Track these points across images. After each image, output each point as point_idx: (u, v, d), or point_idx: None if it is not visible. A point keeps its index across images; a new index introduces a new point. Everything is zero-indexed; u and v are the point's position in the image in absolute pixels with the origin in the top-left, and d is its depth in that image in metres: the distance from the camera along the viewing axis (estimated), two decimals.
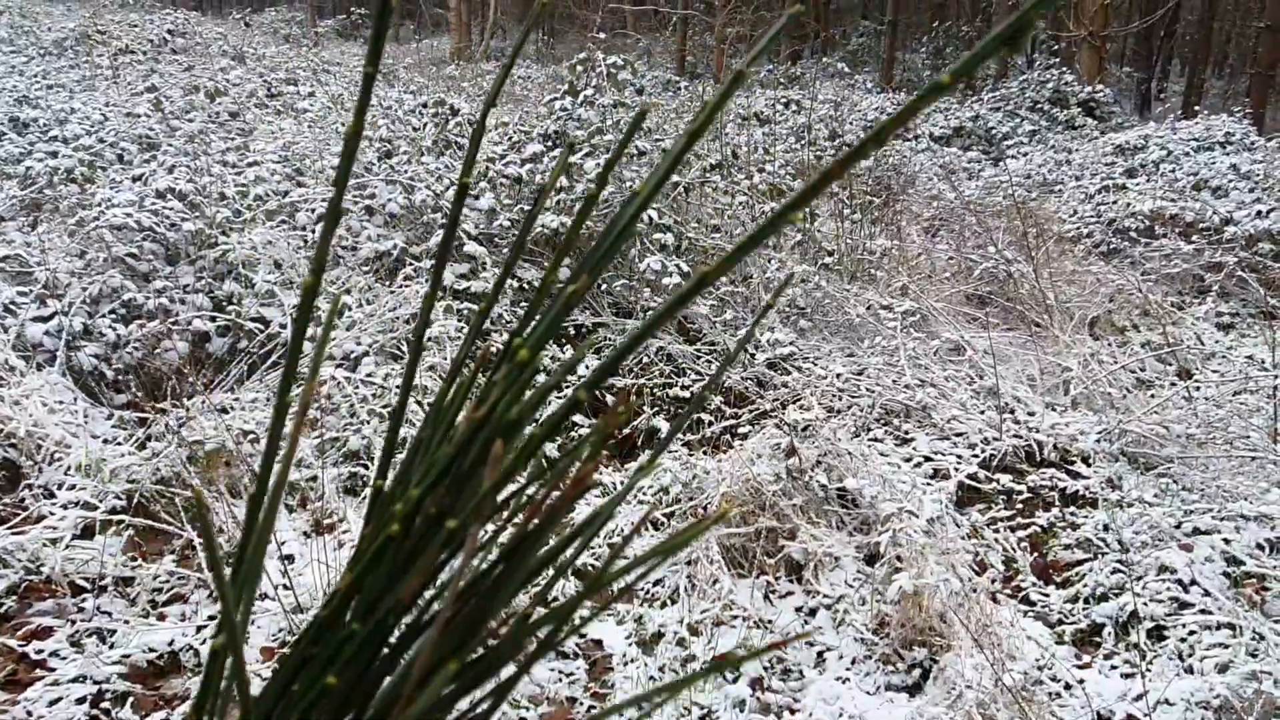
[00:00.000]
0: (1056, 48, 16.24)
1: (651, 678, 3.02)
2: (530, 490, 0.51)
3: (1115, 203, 8.22)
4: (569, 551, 0.50)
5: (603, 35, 7.67)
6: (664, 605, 3.38)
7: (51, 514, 3.34)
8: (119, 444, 3.80)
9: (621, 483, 4.21)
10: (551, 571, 0.52)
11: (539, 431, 0.45)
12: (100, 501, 3.42)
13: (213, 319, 4.57)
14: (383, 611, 0.47)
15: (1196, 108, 14.44)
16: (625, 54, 8.86)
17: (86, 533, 3.34)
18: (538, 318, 0.51)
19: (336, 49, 19.36)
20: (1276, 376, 4.67)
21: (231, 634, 0.46)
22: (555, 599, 3.38)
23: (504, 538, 0.50)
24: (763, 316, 0.53)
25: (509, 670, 0.51)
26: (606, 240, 0.49)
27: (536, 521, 0.48)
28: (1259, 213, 7.49)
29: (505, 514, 0.51)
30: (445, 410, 0.53)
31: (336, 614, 0.48)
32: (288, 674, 0.49)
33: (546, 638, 0.50)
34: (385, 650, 0.50)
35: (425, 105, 7.76)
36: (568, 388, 4.80)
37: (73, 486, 3.48)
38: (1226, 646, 2.99)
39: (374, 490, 0.53)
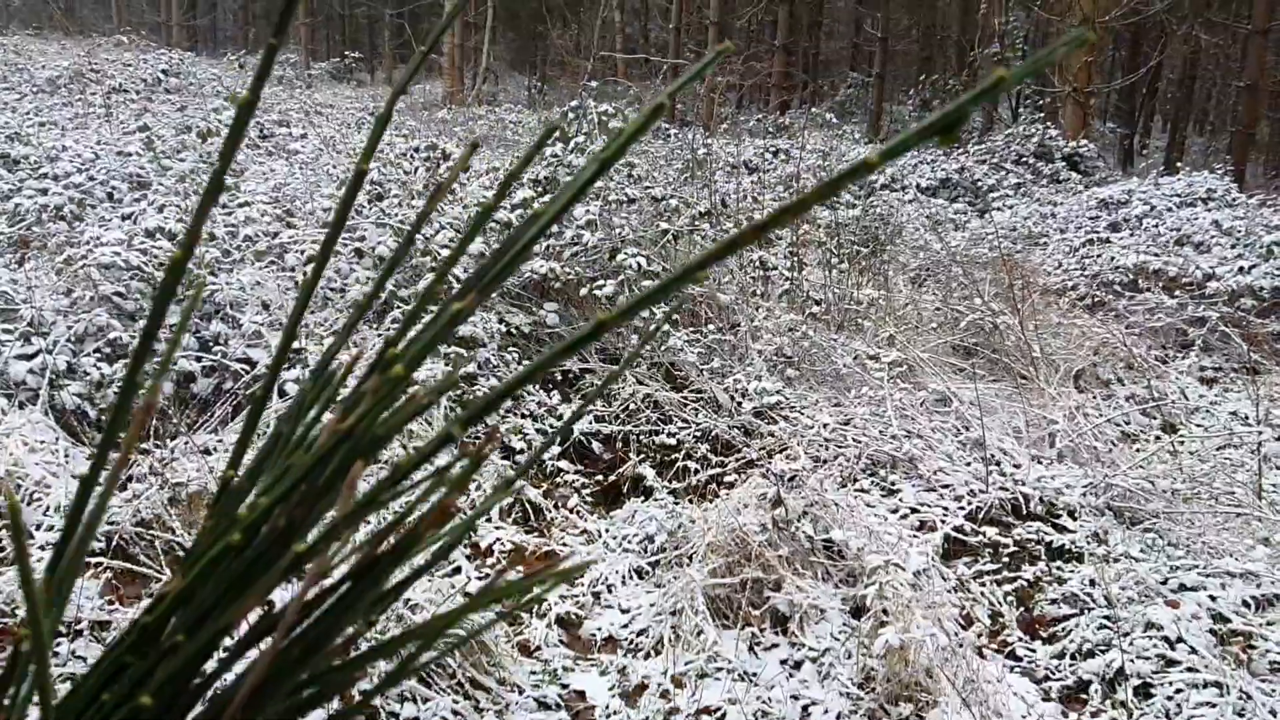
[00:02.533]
0: (1041, 103, 16.49)
1: None
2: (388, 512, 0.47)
3: (1099, 256, 8.31)
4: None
5: (594, 83, 7.75)
6: (648, 656, 3.34)
7: (29, 555, 3.29)
8: (99, 485, 3.76)
9: (605, 530, 4.18)
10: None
11: (406, 462, 0.42)
12: None
13: (198, 359, 4.55)
14: (211, 628, 0.43)
15: (1178, 164, 14.66)
16: (616, 101, 8.95)
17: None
18: (417, 330, 0.47)
19: (329, 91, 19.51)
20: (1260, 432, 4.69)
21: (36, 629, 0.41)
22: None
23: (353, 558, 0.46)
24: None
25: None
26: (501, 259, 0.46)
27: (392, 544, 0.44)
28: (1241, 268, 7.58)
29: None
30: (306, 407, 0.49)
31: (161, 622, 0.44)
32: (99, 680, 0.45)
33: (390, 675, 0.46)
34: (209, 667, 0.45)
35: (417, 149, 7.81)
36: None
37: (51, 528, 3.43)
38: (1214, 705, 2.97)
39: (221, 481, 0.48)
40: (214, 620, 0.43)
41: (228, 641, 0.46)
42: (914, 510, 4.17)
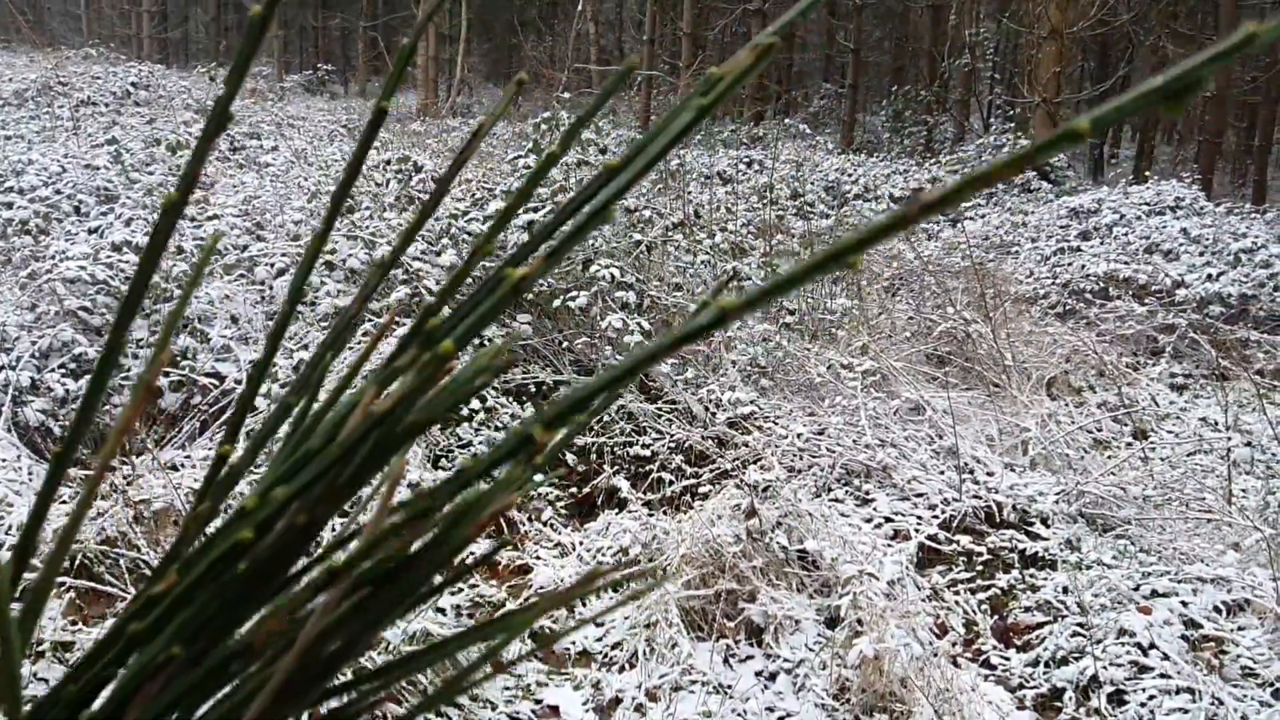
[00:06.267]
0: (1012, 113, 16.64)
1: None
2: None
3: (1070, 265, 8.37)
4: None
5: (567, 94, 7.75)
6: (622, 669, 3.32)
7: None
8: (63, 502, 3.70)
9: (580, 543, 4.15)
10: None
11: (472, 467, 0.36)
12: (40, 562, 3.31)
13: (166, 374, 4.49)
14: (223, 649, 0.38)
15: (1147, 173, 14.83)
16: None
17: (25, 595, 3.23)
18: (461, 296, 0.41)
19: (302, 104, 19.41)
20: (1229, 438, 4.73)
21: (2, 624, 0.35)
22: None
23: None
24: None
25: None
26: (575, 222, 0.39)
27: (430, 548, 0.38)
28: (1209, 276, 7.65)
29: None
30: (318, 374, 0.44)
31: (156, 628, 0.38)
32: (79, 692, 0.39)
33: (440, 691, 0.42)
34: (206, 675, 0.39)
35: (389, 162, 7.76)
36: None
37: (13, 547, 3.37)
38: (1186, 711, 2.98)
39: (217, 457, 0.42)
40: (225, 638, 0.38)
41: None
42: (888, 519, 4.17)
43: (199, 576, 0.38)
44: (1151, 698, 3.06)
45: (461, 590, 3.73)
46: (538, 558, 4.02)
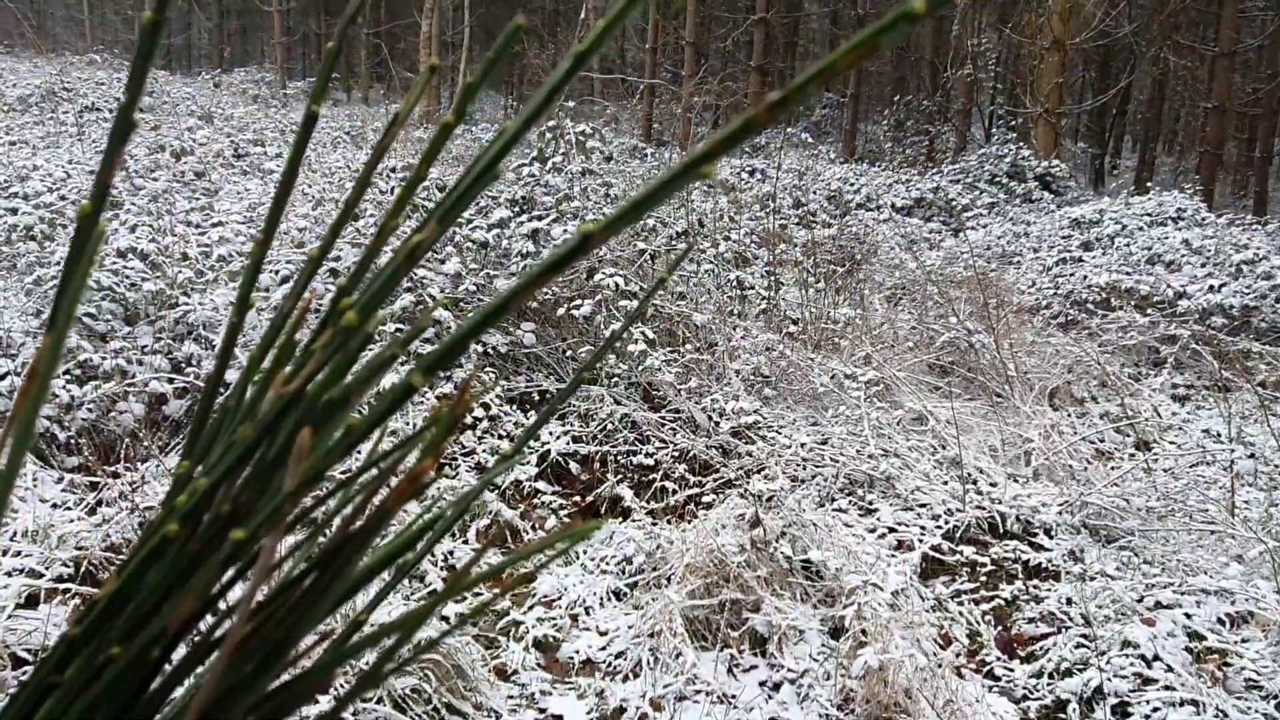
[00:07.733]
0: (1013, 123, 16.68)
1: None
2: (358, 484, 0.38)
3: (1072, 275, 8.38)
4: (407, 556, 0.39)
5: (571, 103, 7.76)
6: (626, 679, 3.31)
7: None
8: (68, 509, 3.70)
9: (584, 552, 4.15)
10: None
11: (359, 423, 0.36)
12: (46, 569, 3.31)
13: (170, 381, 4.50)
14: (149, 635, 0.37)
15: (1149, 184, 14.85)
16: (593, 121, 8.96)
17: (31, 602, 3.23)
18: (371, 274, 0.41)
19: (304, 110, 19.45)
20: (1233, 449, 4.73)
21: None
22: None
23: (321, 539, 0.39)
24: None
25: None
26: (462, 183, 0.40)
27: (359, 525, 0.38)
28: (1211, 287, 7.67)
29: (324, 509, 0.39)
30: (262, 377, 0.43)
31: (94, 631, 0.38)
32: (25, 706, 0.38)
33: (370, 671, 0.40)
34: (157, 681, 0.39)
35: (394, 169, 7.78)
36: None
37: (18, 553, 3.37)
38: None
39: (174, 475, 0.42)
40: (150, 627, 0.37)
41: (180, 651, 0.40)
42: (892, 530, 4.17)
43: (130, 576, 0.38)
44: (1156, 710, 3.06)
45: (465, 599, 3.72)
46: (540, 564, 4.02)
